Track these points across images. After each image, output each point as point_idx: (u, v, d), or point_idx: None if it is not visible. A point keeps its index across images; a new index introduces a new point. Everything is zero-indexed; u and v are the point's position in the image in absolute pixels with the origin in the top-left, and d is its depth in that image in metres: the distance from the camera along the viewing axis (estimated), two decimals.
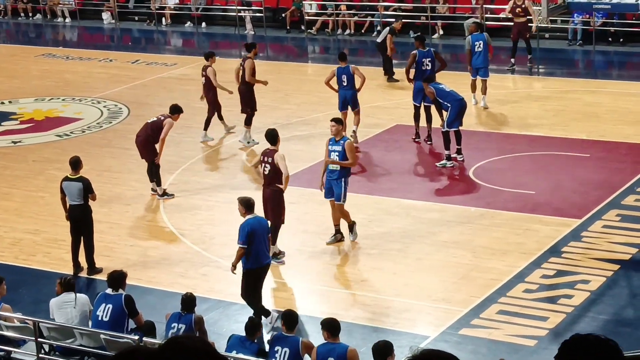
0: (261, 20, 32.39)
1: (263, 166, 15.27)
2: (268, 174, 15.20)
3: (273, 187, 15.17)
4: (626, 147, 19.58)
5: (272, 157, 15.11)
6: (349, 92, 20.16)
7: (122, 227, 17.08)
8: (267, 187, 15.27)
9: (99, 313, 12.27)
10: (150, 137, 18.03)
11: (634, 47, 27.55)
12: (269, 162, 15.13)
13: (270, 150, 15.27)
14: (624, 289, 14.18)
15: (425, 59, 20.29)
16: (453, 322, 13.37)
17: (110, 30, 34.98)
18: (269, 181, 15.22)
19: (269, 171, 15.17)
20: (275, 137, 15.43)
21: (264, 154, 15.36)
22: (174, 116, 18.24)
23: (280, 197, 15.18)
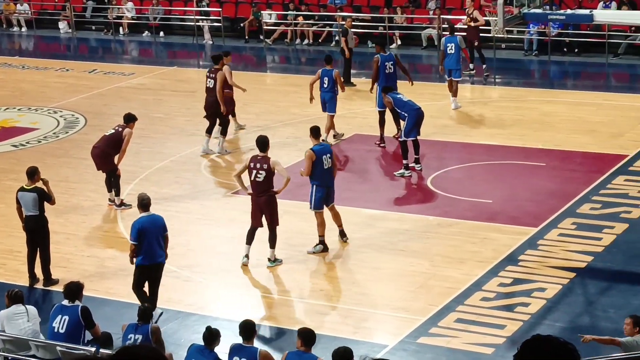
0: (219, 30, 32.37)
1: (255, 173, 15.07)
2: (262, 181, 15.07)
3: (268, 193, 15.13)
4: (581, 156, 19.77)
5: (267, 164, 15.00)
6: (328, 94, 20.57)
7: (79, 237, 16.97)
8: (261, 194, 15.14)
9: (55, 325, 12.18)
10: (108, 149, 17.93)
11: (588, 58, 27.84)
12: (264, 169, 15.00)
13: (262, 157, 15.14)
14: (580, 296, 14.31)
15: (387, 62, 20.57)
16: (411, 330, 13.42)
17: (67, 40, 34.78)
18: (262, 188, 15.11)
19: (263, 178, 15.04)
20: (266, 144, 15.34)
21: (254, 161, 15.15)
22: (130, 125, 18.16)
23: (275, 202, 15.24)
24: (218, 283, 15.22)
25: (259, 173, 15.05)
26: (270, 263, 15.28)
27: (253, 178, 15.14)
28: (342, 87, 20.74)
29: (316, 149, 15.75)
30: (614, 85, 26.39)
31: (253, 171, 15.11)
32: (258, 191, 15.19)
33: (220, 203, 18.34)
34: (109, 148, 17.91)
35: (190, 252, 16.45)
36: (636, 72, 26.83)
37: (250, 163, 15.20)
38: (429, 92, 25.03)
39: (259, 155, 15.26)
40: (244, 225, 17.27)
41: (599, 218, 16.65)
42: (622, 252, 15.47)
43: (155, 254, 13.71)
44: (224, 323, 13.44)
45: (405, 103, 18.98)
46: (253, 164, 15.15)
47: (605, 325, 13.28)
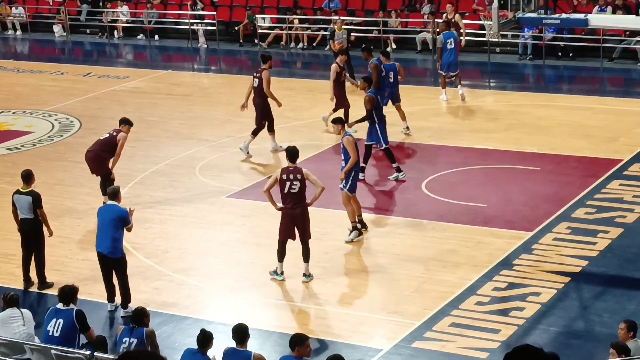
0: (214, 34, 32.37)
1: (289, 185, 14.65)
2: (297, 192, 14.67)
3: (303, 205, 14.76)
4: (576, 161, 19.80)
5: (300, 174, 14.65)
6: (394, 88, 21.07)
7: (74, 241, 16.95)
8: (296, 207, 14.71)
9: (49, 328, 12.16)
10: (102, 153, 17.92)
11: (583, 62, 27.89)
12: (299, 179, 14.62)
13: (293, 168, 14.76)
14: (575, 301, 14.32)
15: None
16: (406, 334, 13.42)
17: (62, 43, 34.76)
18: (298, 199, 14.70)
19: (298, 189, 14.66)
20: (296, 154, 14.95)
21: (286, 173, 14.71)
22: (125, 128, 18.15)
23: (309, 214, 14.91)
24: (213, 287, 15.21)
25: (294, 184, 14.62)
26: (305, 278, 14.91)
27: (287, 190, 14.65)
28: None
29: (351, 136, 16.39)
30: (609, 89, 26.43)
31: (287, 183, 14.64)
32: (294, 203, 14.74)
33: (215, 206, 18.33)
34: (103, 152, 17.90)
35: (184, 255, 16.43)
36: (631, 77, 26.88)
37: (282, 175, 14.70)
38: (423, 95, 25.07)
39: (290, 166, 14.82)
40: (238, 228, 17.29)
41: (593, 222, 16.67)
42: (617, 257, 15.49)
43: (103, 244, 14.13)
44: (218, 327, 13.43)
45: None
46: (286, 175, 14.68)
47: (600, 330, 13.29)
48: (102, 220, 14.21)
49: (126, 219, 14.18)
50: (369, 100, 18.66)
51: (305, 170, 14.84)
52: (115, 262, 14.15)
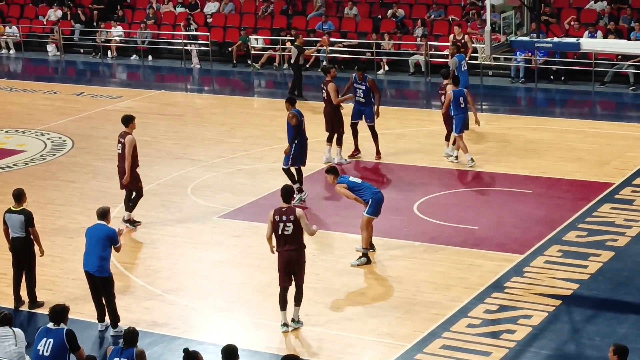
0: (207, 54, 32.44)
1: (282, 227, 14.00)
2: (291, 234, 13.99)
3: (298, 246, 14.10)
4: (567, 184, 19.84)
5: (293, 215, 14.04)
6: (466, 114, 20.98)
7: (65, 260, 16.92)
8: (290, 249, 14.05)
9: (39, 348, 12.11)
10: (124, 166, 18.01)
11: (575, 85, 27.99)
12: (291, 221, 14.02)
13: (287, 209, 14.15)
14: (566, 324, 14.32)
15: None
16: (397, 356, 13.40)
17: (55, 63, 34.79)
18: (292, 241, 14.02)
19: (292, 230, 14.05)
20: (290, 194, 14.47)
21: (278, 214, 14.04)
22: (129, 127, 18.11)
23: (305, 257, 14.32)
24: (203, 307, 15.18)
25: (287, 225, 14.04)
26: (295, 324, 14.34)
27: (281, 232, 13.99)
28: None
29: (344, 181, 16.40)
30: (600, 113, 26.51)
31: (280, 224, 13.97)
32: (285, 245, 14.06)
33: (206, 227, 18.32)
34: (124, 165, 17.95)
35: (176, 275, 16.41)
36: (622, 101, 26.98)
37: (274, 216, 14.03)
38: (415, 118, 25.14)
39: (283, 206, 14.12)
40: (230, 248, 17.29)
41: (585, 246, 16.70)
42: (608, 280, 15.51)
43: (91, 263, 14.12)
44: (209, 347, 13.42)
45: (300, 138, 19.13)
46: (278, 216, 14.00)
47: (591, 353, 13.29)
48: (90, 239, 14.22)
49: (114, 239, 14.18)
50: (293, 117, 18.95)
51: (300, 211, 14.18)
52: (102, 281, 14.13)
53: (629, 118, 25.43)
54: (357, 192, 16.30)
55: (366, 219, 16.31)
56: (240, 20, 33.74)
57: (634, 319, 14.26)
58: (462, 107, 20.93)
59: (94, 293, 14.29)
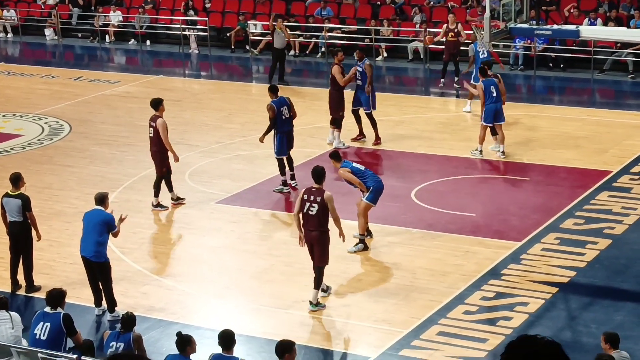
0: (206, 40, 32.38)
1: (308, 206, 14.18)
2: (315, 214, 14.15)
3: (321, 229, 14.22)
4: (565, 171, 19.84)
5: (321, 197, 14.17)
6: (498, 103, 20.31)
7: (62, 244, 16.92)
8: (313, 229, 14.21)
9: (36, 332, 12.14)
10: (156, 148, 18.08)
11: (574, 73, 27.96)
12: (317, 202, 14.16)
13: (316, 189, 14.30)
14: (562, 311, 14.34)
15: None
16: (393, 343, 13.42)
17: (53, 47, 34.72)
18: (316, 222, 14.18)
19: (316, 211, 14.16)
20: (322, 176, 14.50)
21: (307, 193, 14.25)
22: (160, 111, 18.15)
23: (328, 240, 14.34)
24: (200, 292, 15.19)
25: (312, 206, 14.20)
26: (312, 307, 14.29)
27: (306, 211, 14.18)
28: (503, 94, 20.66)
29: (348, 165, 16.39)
30: (599, 101, 26.51)
31: (306, 204, 14.16)
32: (310, 225, 14.23)
33: (204, 212, 18.32)
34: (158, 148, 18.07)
35: (173, 261, 16.42)
36: (621, 89, 26.96)
37: (303, 195, 14.26)
38: (413, 104, 25.11)
39: (313, 187, 14.34)
40: (227, 234, 17.29)
41: (582, 233, 16.70)
42: (605, 268, 15.52)
43: (87, 248, 14.14)
44: (206, 332, 13.43)
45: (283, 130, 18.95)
46: (307, 196, 14.21)
47: (587, 340, 13.31)
48: (87, 224, 14.22)
49: (111, 224, 14.16)
50: (270, 109, 18.79)
51: (329, 194, 14.27)
52: (99, 267, 14.13)
53: (628, 106, 25.41)
54: (360, 178, 16.30)
55: (365, 205, 16.29)
56: (239, 5, 33.67)
57: (630, 307, 14.28)
58: (494, 96, 20.31)
59: (91, 278, 14.29)
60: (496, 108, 20.34)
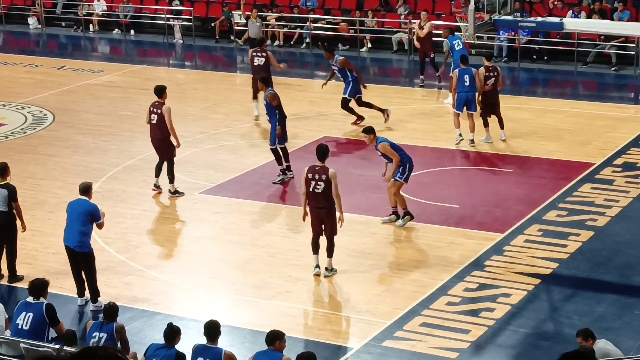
0: (190, 29, 32.29)
1: (314, 185, 14.61)
2: (322, 192, 14.60)
3: (329, 204, 14.66)
4: (548, 163, 19.89)
5: (326, 175, 14.58)
6: (470, 93, 20.59)
7: (45, 234, 16.87)
8: (322, 207, 14.67)
9: (19, 321, 12.11)
10: (161, 135, 18.09)
11: (557, 65, 28.02)
12: (323, 180, 14.56)
13: (320, 167, 14.70)
14: (545, 303, 14.40)
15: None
16: (376, 334, 13.45)
17: (37, 36, 34.57)
18: (323, 199, 14.64)
19: (322, 189, 14.58)
20: (325, 153, 14.89)
21: (312, 172, 14.69)
22: (163, 98, 18.22)
23: (335, 213, 14.77)
24: (184, 283, 15.19)
25: (318, 184, 14.59)
26: (328, 272, 14.99)
27: (312, 189, 14.63)
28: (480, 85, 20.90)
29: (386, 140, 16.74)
30: (582, 93, 26.58)
31: (312, 182, 14.60)
32: (316, 202, 14.70)
33: (188, 202, 18.30)
34: (161, 134, 18.11)
35: (156, 251, 16.40)
36: (604, 81, 27.04)
37: (308, 174, 14.68)
38: (398, 96, 25.11)
39: (317, 165, 14.76)
40: (211, 225, 17.28)
41: (564, 225, 16.77)
42: (587, 260, 15.59)
43: (71, 238, 14.11)
44: (189, 323, 13.43)
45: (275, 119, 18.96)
46: (311, 174, 14.65)
47: (569, 331, 13.35)
48: (71, 214, 14.19)
49: (95, 215, 14.15)
50: (274, 97, 18.79)
51: (332, 171, 14.69)
52: (83, 257, 14.11)
53: (611, 98, 25.49)
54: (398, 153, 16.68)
55: (398, 185, 16.65)
56: None
57: (612, 299, 14.35)
58: (467, 85, 20.58)
59: (74, 268, 14.27)
60: (467, 97, 20.66)
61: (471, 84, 20.61)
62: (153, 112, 18.18)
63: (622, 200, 17.78)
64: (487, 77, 20.92)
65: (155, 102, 18.23)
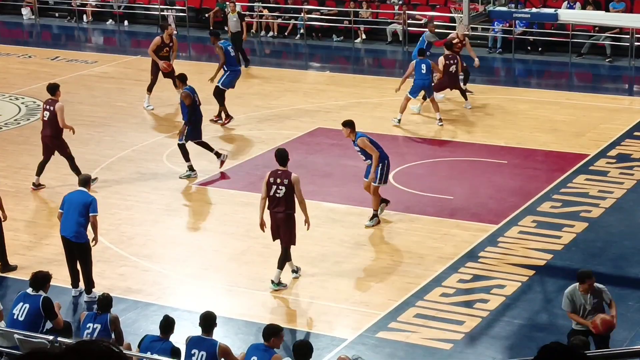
0: (184, 20, 32.22)
1: (275, 189, 14.28)
2: (283, 197, 14.26)
3: (289, 211, 14.31)
4: (542, 155, 19.90)
5: (288, 179, 14.25)
6: (426, 80, 21.39)
7: (38, 225, 16.84)
8: (280, 211, 14.32)
9: (15, 312, 12.09)
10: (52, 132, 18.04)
11: (552, 56, 28.01)
12: (285, 184, 14.24)
13: (283, 172, 14.38)
14: (539, 294, 14.40)
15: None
16: (371, 325, 13.45)
17: (30, 26, 34.47)
18: (283, 204, 14.28)
19: (284, 193, 14.27)
20: (286, 158, 14.57)
21: (273, 176, 14.37)
22: (56, 95, 18.20)
23: (294, 221, 14.42)
24: (178, 274, 15.17)
25: (279, 188, 14.27)
26: (274, 285, 14.38)
27: (273, 193, 14.30)
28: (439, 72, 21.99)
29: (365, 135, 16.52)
30: (577, 84, 26.58)
31: (273, 186, 14.28)
32: (276, 206, 14.34)
33: (182, 194, 18.27)
34: (54, 131, 17.88)
35: (150, 242, 16.38)
36: (599, 72, 27.04)
37: (269, 178, 14.38)
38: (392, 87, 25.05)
39: (279, 169, 14.45)
40: (205, 216, 17.27)
41: (559, 217, 16.77)
42: (581, 251, 15.60)
43: (68, 228, 14.03)
44: (183, 314, 13.42)
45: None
46: (273, 178, 14.34)
47: (562, 323, 13.36)
48: (68, 205, 14.14)
49: (93, 207, 14.07)
50: (186, 96, 18.69)
51: (295, 176, 14.37)
52: (79, 247, 14.08)
53: (605, 90, 25.49)
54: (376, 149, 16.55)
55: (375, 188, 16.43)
56: None
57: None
58: (424, 73, 21.37)
59: (69, 259, 14.23)
60: (424, 84, 21.50)
61: (427, 72, 21.42)
62: (46, 109, 18.06)
63: (616, 192, 17.79)
64: (448, 65, 22.06)
65: (49, 99, 18.11)
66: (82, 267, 14.21)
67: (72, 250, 14.15)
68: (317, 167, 19.30)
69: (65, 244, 14.17)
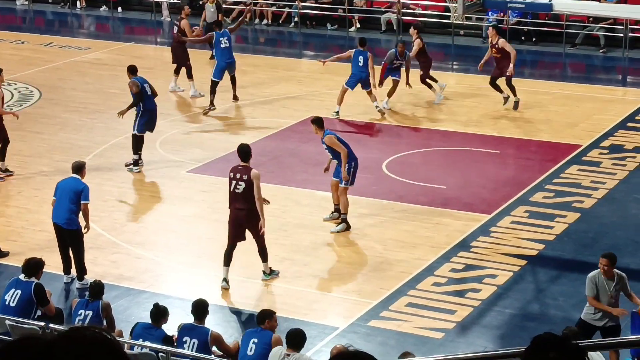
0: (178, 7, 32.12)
1: (234, 184, 14.11)
2: (242, 193, 13.98)
3: (249, 207, 14.04)
4: (536, 145, 19.92)
5: (247, 175, 13.98)
6: (364, 73, 21.17)
7: (31, 211, 16.82)
8: (240, 208, 14.06)
9: (7, 297, 12.09)
10: None
11: (546, 47, 28.01)
12: (244, 180, 13.98)
13: (243, 167, 14.13)
14: (530, 284, 14.44)
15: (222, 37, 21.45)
16: (362, 313, 13.47)
17: (24, 12, 34.37)
18: (242, 200, 14.01)
19: (243, 189, 14.00)
20: (248, 154, 14.30)
21: (234, 171, 14.20)
22: None
23: (257, 216, 14.05)
24: (170, 261, 15.17)
25: (239, 184, 14.05)
26: (266, 276, 14.37)
27: (232, 189, 14.07)
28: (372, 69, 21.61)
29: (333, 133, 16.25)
30: (570, 75, 26.59)
31: (233, 182, 14.06)
32: (236, 203, 14.10)
33: (175, 181, 18.26)
34: None
35: (142, 229, 16.38)
36: (593, 63, 27.05)
37: (230, 173, 14.26)
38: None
39: (240, 165, 14.23)
40: (198, 203, 17.26)
41: (551, 207, 16.80)
42: (573, 241, 15.63)
43: (60, 215, 14.04)
44: (175, 301, 13.43)
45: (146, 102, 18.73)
46: (233, 174, 14.11)
47: (554, 312, 13.43)
48: (61, 191, 14.12)
49: (85, 194, 14.05)
50: (133, 84, 18.57)
51: (255, 172, 14.10)
52: (71, 234, 14.07)
53: (599, 80, 25.52)
54: None
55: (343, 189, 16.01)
56: None
57: None
58: (361, 65, 21.28)
59: (61, 245, 14.22)
60: (361, 76, 21.35)
61: (364, 65, 21.24)
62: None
63: (609, 182, 17.82)
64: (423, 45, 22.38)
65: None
66: (74, 254, 14.20)
67: (64, 237, 14.14)
68: (310, 155, 19.29)
69: (57, 231, 14.16)
